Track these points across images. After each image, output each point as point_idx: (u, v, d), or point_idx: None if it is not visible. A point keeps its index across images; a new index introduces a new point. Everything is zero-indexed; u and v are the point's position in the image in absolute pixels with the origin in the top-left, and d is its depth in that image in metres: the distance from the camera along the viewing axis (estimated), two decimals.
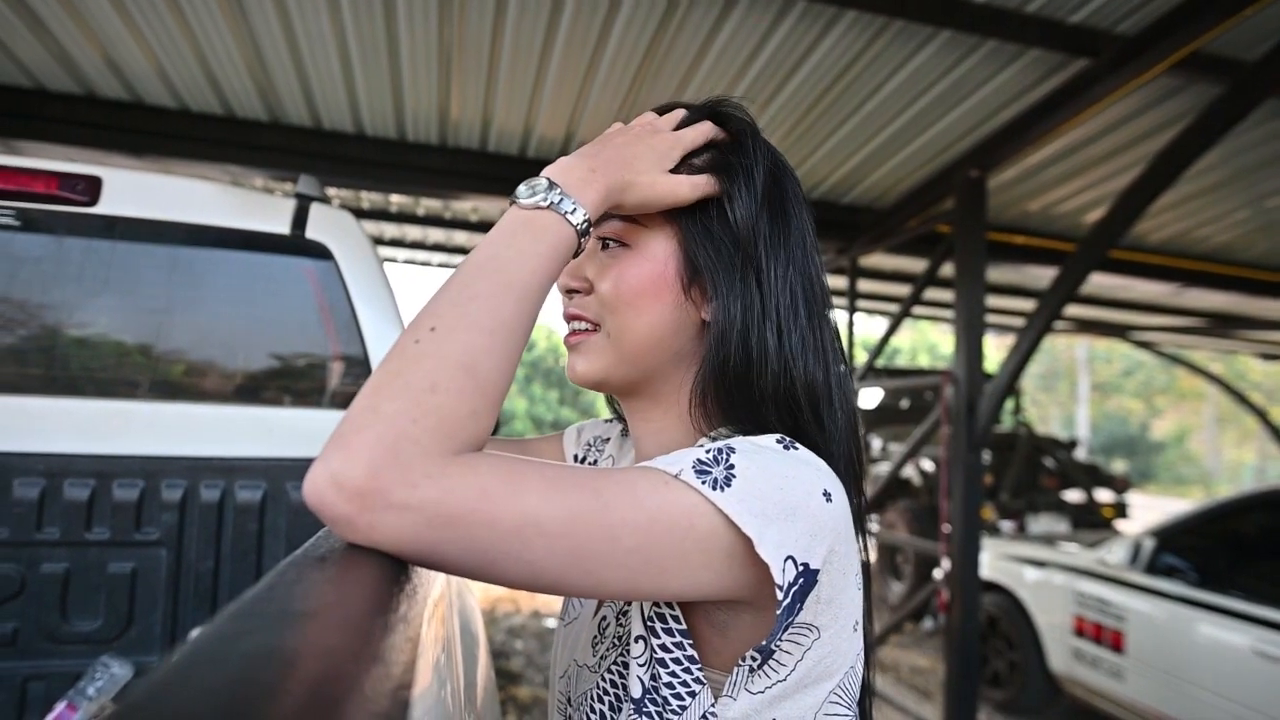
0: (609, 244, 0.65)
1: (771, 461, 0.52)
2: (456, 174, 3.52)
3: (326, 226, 1.51)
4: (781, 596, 0.48)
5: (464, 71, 2.83)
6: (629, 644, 0.59)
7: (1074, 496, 6.39)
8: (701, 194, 0.62)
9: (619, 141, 0.61)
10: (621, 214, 0.63)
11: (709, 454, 0.51)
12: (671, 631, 0.55)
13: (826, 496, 0.52)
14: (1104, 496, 6.52)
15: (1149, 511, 8.63)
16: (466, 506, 0.42)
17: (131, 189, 1.42)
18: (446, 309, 0.48)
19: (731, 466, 0.50)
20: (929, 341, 23.59)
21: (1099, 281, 4.96)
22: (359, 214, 4.64)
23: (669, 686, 0.55)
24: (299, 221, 1.49)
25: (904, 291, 5.74)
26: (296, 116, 3.23)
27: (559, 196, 0.54)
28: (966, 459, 3.23)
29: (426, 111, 3.18)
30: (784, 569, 0.48)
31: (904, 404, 7.85)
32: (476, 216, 4.78)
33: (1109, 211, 2.74)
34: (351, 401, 0.45)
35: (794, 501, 0.50)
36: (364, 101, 3.08)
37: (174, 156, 3.16)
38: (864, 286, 5.67)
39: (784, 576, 0.48)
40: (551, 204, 0.54)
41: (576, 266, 0.66)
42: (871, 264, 5.24)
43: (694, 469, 0.49)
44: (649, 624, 0.56)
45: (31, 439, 1.34)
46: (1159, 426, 23.09)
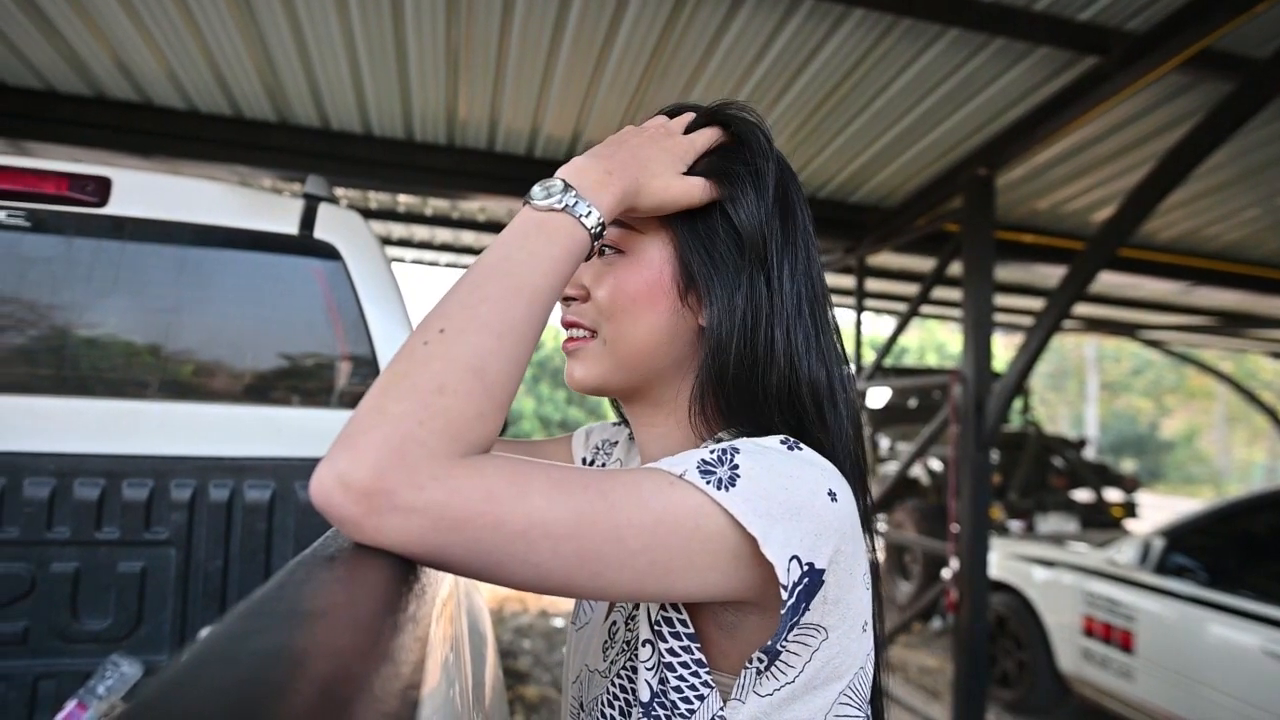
0: (605, 250, 0.64)
1: (776, 461, 0.51)
2: (464, 174, 3.52)
3: (334, 227, 1.51)
4: (786, 596, 0.48)
5: (471, 72, 2.84)
6: (637, 648, 0.59)
7: (1083, 496, 6.37)
8: (712, 197, 0.61)
9: (634, 143, 0.61)
10: (622, 220, 0.62)
11: (713, 454, 0.51)
12: (679, 635, 0.55)
13: (831, 496, 0.51)
14: (1113, 496, 6.50)
15: (1158, 511, 8.57)
16: (473, 509, 0.42)
17: (141, 190, 1.43)
18: (456, 311, 0.48)
19: (736, 466, 0.49)
20: (937, 340, 23.52)
21: (1108, 280, 4.94)
22: (367, 214, 4.65)
23: (677, 690, 0.54)
24: (307, 222, 1.49)
25: (912, 290, 5.72)
26: (305, 117, 3.24)
27: (574, 199, 0.54)
28: (975, 458, 3.22)
29: (434, 112, 3.18)
30: (788, 568, 0.48)
31: (912, 403, 7.82)
32: (484, 216, 4.79)
33: (1118, 210, 2.72)
34: (359, 401, 0.44)
35: (799, 501, 0.49)
36: (372, 102, 3.08)
37: (183, 157, 3.17)
38: (872, 285, 5.65)
39: (788, 576, 0.48)
40: (566, 206, 0.53)
41: (577, 273, 0.65)
42: (879, 263, 5.22)
43: (698, 469, 0.49)
44: (656, 628, 0.56)
45: (42, 439, 1.35)
46: (1168, 426, 22.97)
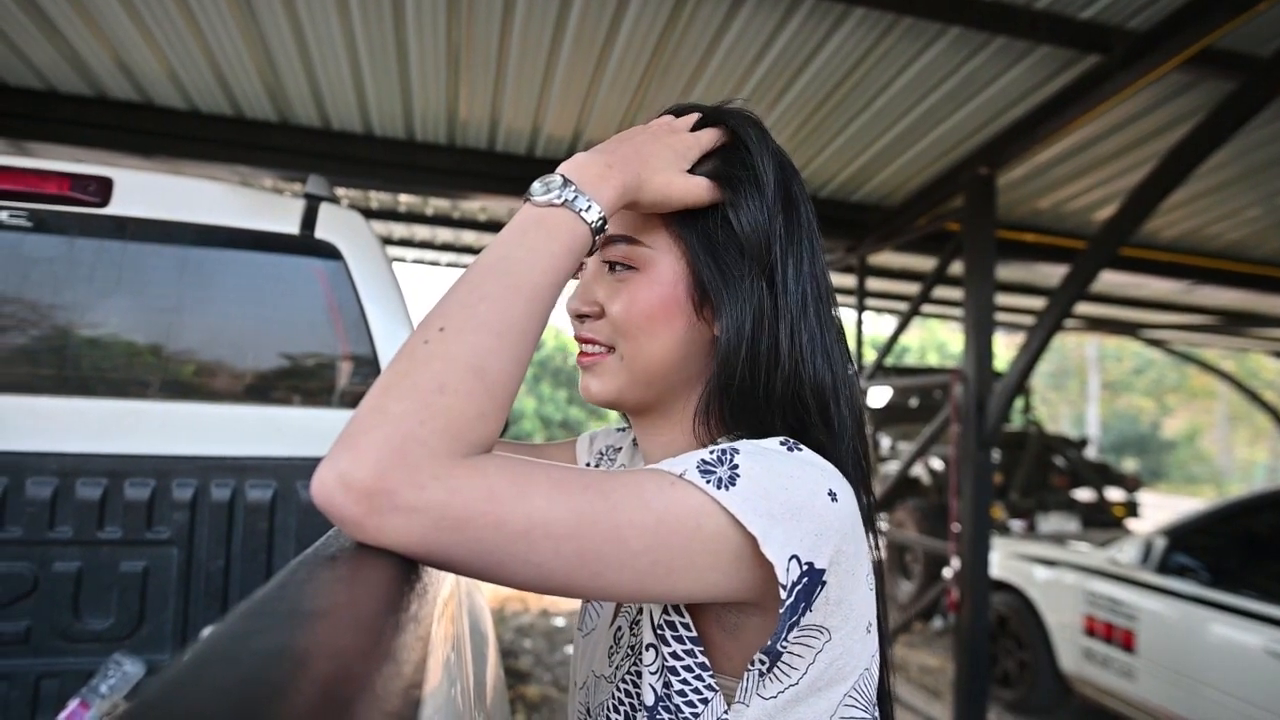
0: (616, 267, 0.63)
1: (775, 462, 0.51)
2: (465, 174, 3.52)
3: (336, 226, 1.51)
4: (785, 595, 0.48)
5: (472, 72, 2.84)
6: (641, 653, 0.59)
7: (1084, 495, 6.36)
8: (715, 198, 0.61)
9: (637, 139, 0.60)
10: (633, 237, 0.62)
11: (713, 454, 0.51)
12: (682, 639, 0.55)
13: (832, 496, 0.51)
14: (1115, 495, 6.48)
15: (1160, 511, 8.56)
16: (474, 509, 0.42)
17: (142, 190, 1.43)
18: (455, 310, 0.47)
19: (735, 466, 0.49)
20: (938, 340, 23.50)
21: (1109, 279, 4.94)
22: (368, 214, 4.65)
23: (681, 694, 0.54)
24: (308, 222, 1.49)
25: (913, 290, 5.72)
26: (305, 117, 3.25)
27: (574, 194, 0.53)
28: (976, 458, 3.22)
29: (435, 112, 3.19)
30: (788, 568, 0.48)
31: (913, 403, 7.81)
32: (484, 216, 4.79)
33: (1120, 209, 2.72)
34: (361, 401, 0.44)
35: (798, 501, 0.49)
36: (373, 102, 3.09)
37: (184, 157, 3.17)
38: (873, 285, 5.65)
39: (788, 576, 0.48)
40: (566, 201, 0.53)
41: (586, 290, 0.65)
42: (880, 262, 5.22)
43: (698, 469, 0.49)
44: (659, 632, 0.56)
45: (44, 439, 1.35)
46: (1170, 425, 22.93)
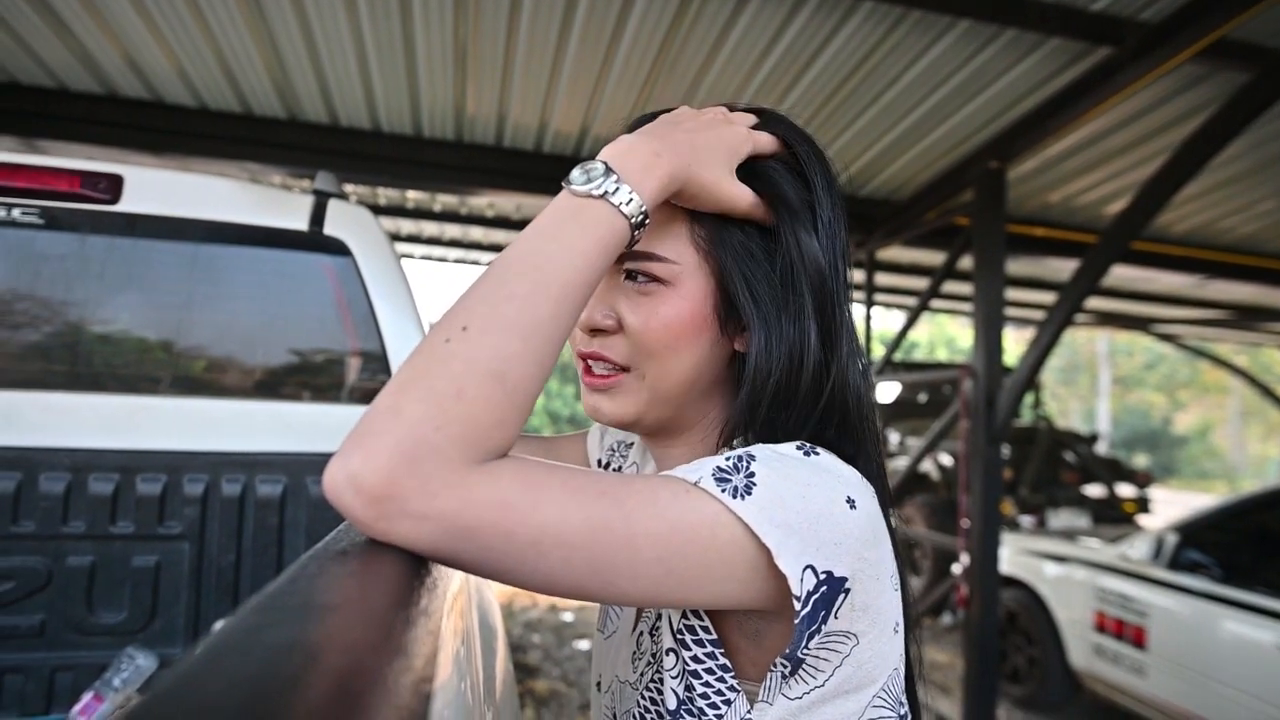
0: (638, 277, 0.59)
1: (793, 468, 0.50)
2: (472, 169, 3.53)
3: (344, 223, 1.51)
4: (799, 606, 0.47)
5: (479, 68, 2.84)
6: (662, 658, 0.58)
7: (1095, 491, 6.33)
8: (756, 215, 0.58)
9: (689, 125, 0.56)
10: (659, 254, 0.58)
11: (728, 461, 0.49)
12: (702, 643, 0.54)
13: (850, 503, 0.50)
14: (1125, 491, 6.45)
15: (1171, 506, 8.49)
16: (485, 519, 0.41)
17: (152, 187, 1.43)
18: (480, 307, 0.45)
19: (752, 475, 0.48)
20: (947, 335, 23.41)
21: (1121, 274, 4.89)
22: (376, 210, 4.63)
23: (704, 697, 0.54)
24: (317, 218, 1.49)
25: (922, 285, 5.67)
26: (314, 114, 3.26)
27: (615, 185, 0.50)
28: (985, 453, 3.20)
29: (442, 108, 3.19)
30: (802, 578, 0.46)
31: (922, 398, 7.78)
32: (492, 212, 4.79)
33: (1131, 202, 2.70)
34: (373, 397, 0.44)
35: (816, 509, 0.48)
36: (380, 99, 3.09)
37: (193, 154, 3.19)
38: (882, 280, 5.62)
39: (802, 586, 0.46)
40: (605, 193, 0.50)
41: (605, 301, 0.60)
42: (889, 257, 5.19)
43: (714, 476, 0.48)
44: (678, 636, 0.55)
45: (57, 434, 1.36)
46: (1182, 420, 22.79)
